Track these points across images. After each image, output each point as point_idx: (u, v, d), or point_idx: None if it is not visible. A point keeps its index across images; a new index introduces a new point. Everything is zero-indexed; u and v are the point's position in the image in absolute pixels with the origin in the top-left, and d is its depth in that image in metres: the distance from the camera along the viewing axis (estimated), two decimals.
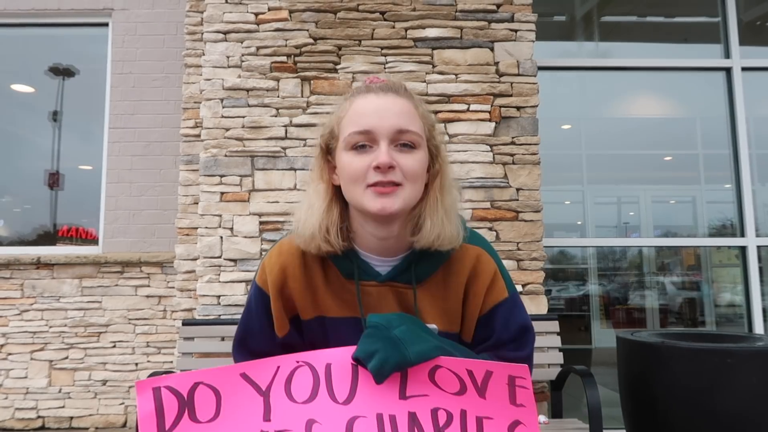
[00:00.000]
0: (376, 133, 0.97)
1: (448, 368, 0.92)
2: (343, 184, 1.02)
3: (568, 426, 2.36)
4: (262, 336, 1.11)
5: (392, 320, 0.96)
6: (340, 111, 1.05)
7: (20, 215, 4.16)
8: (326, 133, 1.07)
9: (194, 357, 2.63)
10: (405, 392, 0.91)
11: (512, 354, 1.09)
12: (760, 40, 3.79)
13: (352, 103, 1.02)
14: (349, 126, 1.00)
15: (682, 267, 3.76)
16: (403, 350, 0.91)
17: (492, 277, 1.07)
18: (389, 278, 1.06)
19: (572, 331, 3.67)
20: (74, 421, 3.66)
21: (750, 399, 1.94)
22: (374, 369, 0.90)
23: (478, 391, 0.91)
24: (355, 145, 0.98)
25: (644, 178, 3.80)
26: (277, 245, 1.12)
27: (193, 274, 3.10)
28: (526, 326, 1.11)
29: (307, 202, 1.06)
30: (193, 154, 3.23)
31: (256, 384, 0.90)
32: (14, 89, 4.21)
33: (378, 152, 0.96)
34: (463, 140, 2.88)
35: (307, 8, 2.95)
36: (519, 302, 1.12)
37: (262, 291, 1.10)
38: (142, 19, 4.01)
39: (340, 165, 1.02)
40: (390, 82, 1.06)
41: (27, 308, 3.72)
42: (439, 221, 1.01)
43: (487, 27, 2.96)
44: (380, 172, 0.96)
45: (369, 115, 0.98)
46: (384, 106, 0.99)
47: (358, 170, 0.97)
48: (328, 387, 0.91)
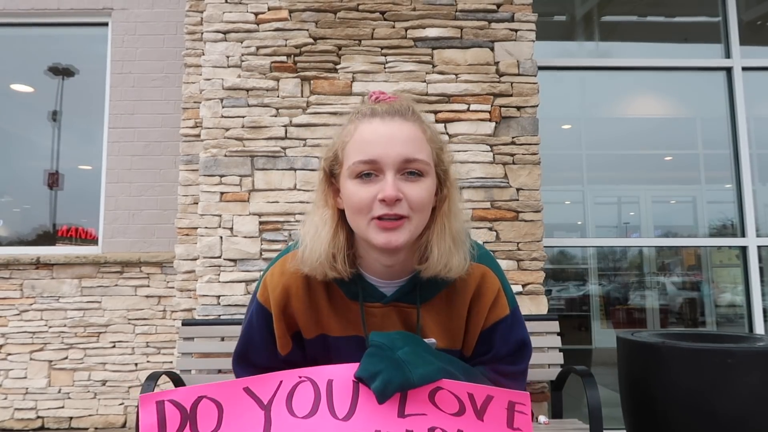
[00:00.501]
0: (382, 163, 0.93)
1: (450, 390, 0.93)
2: (348, 212, 0.99)
3: (568, 426, 2.36)
4: (264, 351, 1.10)
5: (395, 340, 0.96)
6: (344, 135, 1.00)
7: (20, 215, 4.15)
8: (330, 156, 1.02)
9: (194, 357, 2.63)
10: (404, 411, 0.92)
11: (509, 368, 1.10)
12: (760, 40, 3.79)
13: (357, 128, 0.98)
14: (353, 154, 0.96)
15: (682, 267, 3.75)
16: (407, 372, 0.91)
17: (496, 295, 1.07)
18: (394, 299, 1.05)
19: (572, 331, 3.67)
20: (74, 421, 3.65)
21: (750, 399, 1.94)
22: (378, 390, 0.90)
23: (477, 414, 0.93)
24: (359, 173, 0.95)
25: (644, 178, 3.80)
26: (279, 263, 1.09)
27: (193, 274, 3.10)
28: (524, 342, 1.13)
29: (313, 228, 1.02)
30: (192, 154, 3.23)
31: (258, 398, 0.92)
32: (14, 89, 4.21)
33: (384, 184, 0.93)
34: (463, 140, 2.88)
35: (307, 8, 2.94)
36: (519, 317, 1.12)
37: (264, 308, 1.08)
38: (142, 19, 4.01)
39: (345, 193, 0.98)
40: (397, 102, 1.00)
41: (26, 308, 3.72)
42: (446, 250, 0.98)
43: (488, 27, 2.96)
44: (386, 205, 0.92)
45: (374, 143, 0.94)
46: (390, 134, 0.94)
47: (363, 201, 0.94)
48: (329, 403, 0.92)
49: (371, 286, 1.05)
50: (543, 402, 2.74)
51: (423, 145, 0.97)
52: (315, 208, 1.05)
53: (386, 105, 0.99)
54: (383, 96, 1.02)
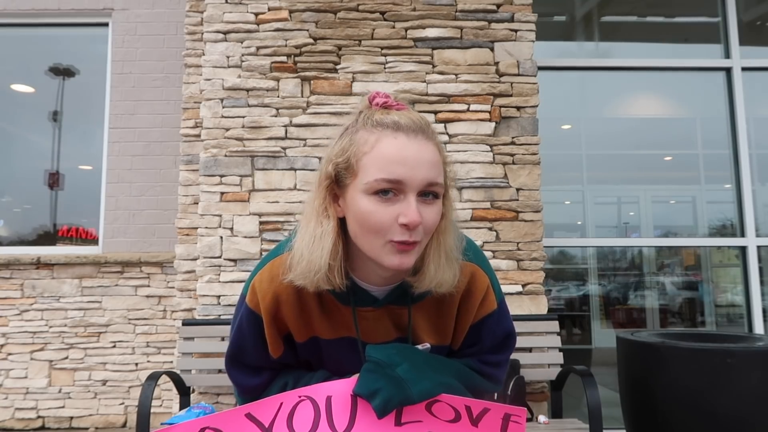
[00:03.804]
0: (406, 185, 0.89)
1: (447, 402, 0.96)
2: (357, 228, 0.94)
3: (568, 426, 2.36)
4: (256, 353, 1.10)
5: (393, 357, 0.97)
6: (362, 144, 0.93)
7: (20, 215, 4.16)
8: (340, 162, 0.94)
9: (194, 357, 2.63)
10: (400, 419, 0.95)
11: (493, 358, 1.13)
12: (760, 40, 3.79)
13: (379, 140, 0.92)
14: (375, 170, 0.90)
15: (682, 267, 3.76)
16: (407, 390, 0.93)
17: (485, 293, 1.09)
18: (386, 302, 1.05)
19: (572, 331, 3.67)
20: (74, 421, 3.66)
21: (750, 399, 1.94)
22: (378, 408, 0.92)
23: (472, 422, 0.95)
24: (378, 191, 0.90)
25: (644, 178, 3.80)
26: (268, 267, 1.05)
27: (193, 274, 3.10)
28: (509, 333, 1.15)
29: (310, 238, 0.96)
30: (193, 154, 3.23)
31: (259, 422, 0.94)
32: (14, 89, 4.21)
33: (405, 207, 0.89)
34: (463, 140, 2.88)
35: (307, 8, 2.95)
36: (505, 309, 1.15)
37: (255, 313, 1.06)
38: (142, 19, 4.01)
39: (357, 208, 0.92)
40: (414, 115, 0.95)
41: (27, 308, 3.72)
42: (441, 267, 0.98)
43: (487, 27, 2.96)
44: (407, 230, 0.89)
45: (401, 163, 0.89)
46: (417, 156, 0.90)
47: (383, 223, 0.90)
48: (328, 418, 0.95)
49: (363, 291, 1.04)
50: (543, 402, 2.74)
51: (441, 168, 0.95)
52: (312, 215, 0.98)
53: (406, 118, 0.94)
54: (390, 101, 0.97)
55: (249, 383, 1.11)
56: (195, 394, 2.71)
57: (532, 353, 2.66)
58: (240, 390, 1.13)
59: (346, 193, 0.95)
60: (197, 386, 2.69)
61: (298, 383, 1.07)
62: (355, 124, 0.97)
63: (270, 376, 1.12)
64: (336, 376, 1.04)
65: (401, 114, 0.94)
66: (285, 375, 1.12)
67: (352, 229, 0.95)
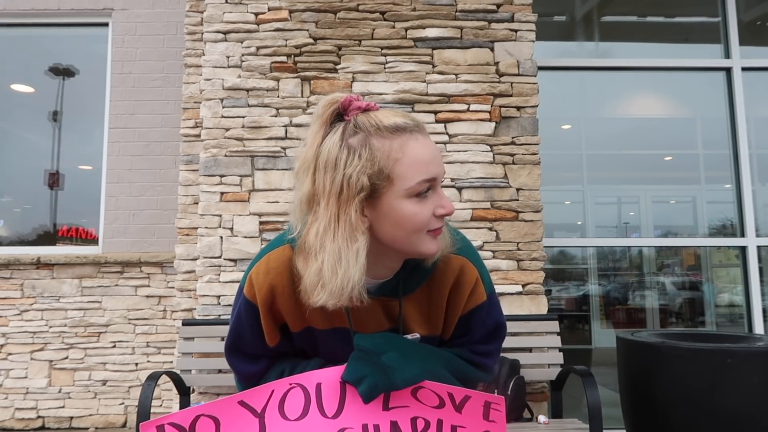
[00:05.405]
0: (437, 180, 0.99)
1: (431, 389, 1.01)
2: (397, 232, 0.97)
3: (568, 426, 2.36)
4: (254, 342, 1.14)
5: (380, 345, 1.03)
6: (389, 151, 0.94)
7: (20, 215, 4.16)
8: (373, 172, 0.93)
9: (194, 357, 2.63)
10: (388, 404, 1.00)
11: (484, 348, 1.18)
12: (760, 40, 3.79)
13: (407, 145, 0.95)
14: (414, 173, 0.94)
15: (682, 267, 3.76)
16: (392, 377, 0.98)
17: (474, 285, 1.13)
18: (378, 294, 1.07)
19: (572, 331, 3.67)
20: (74, 421, 3.66)
21: (750, 399, 1.94)
22: (364, 393, 0.97)
23: (455, 408, 1.01)
24: (419, 192, 0.96)
25: (644, 178, 3.80)
26: (264, 259, 1.08)
27: (193, 274, 3.10)
28: (499, 324, 1.19)
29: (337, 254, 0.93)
30: (193, 154, 3.23)
31: (252, 408, 0.98)
32: (14, 89, 4.21)
33: (440, 199, 0.98)
34: (463, 140, 2.88)
35: (307, 8, 2.95)
36: (495, 301, 1.19)
37: (252, 303, 1.09)
38: (142, 19, 4.01)
39: (400, 213, 0.95)
40: (404, 114, 1.01)
41: (27, 308, 3.72)
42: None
43: (487, 27, 2.96)
44: (441, 219, 0.99)
45: (431, 162, 0.97)
46: (436, 150, 1.00)
47: (425, 219, 0.97)
48: (318, 404, 0.99)
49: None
50: (543, 402, 2.74)
51: None
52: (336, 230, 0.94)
53: (404, 118, 0.99)
54: (370, 104, 1.00)
55: (248, 370, 1.16)
56: (195, 394, 2.70)
57: (532, 353, 2.66)
58: (239, 377, 1.18)
59: (380, 202, 0.96)
60: (197, 386, 2.69)
61: (294, 370, 1.12)
62: (352, 134, 0.95)
63: (267, 363, 1.16)
64: (330, 363, 1.07)
65: (396, 114, 1.00)
66: (282, 362, 1.16)
67: (388, 233, 0.98)
